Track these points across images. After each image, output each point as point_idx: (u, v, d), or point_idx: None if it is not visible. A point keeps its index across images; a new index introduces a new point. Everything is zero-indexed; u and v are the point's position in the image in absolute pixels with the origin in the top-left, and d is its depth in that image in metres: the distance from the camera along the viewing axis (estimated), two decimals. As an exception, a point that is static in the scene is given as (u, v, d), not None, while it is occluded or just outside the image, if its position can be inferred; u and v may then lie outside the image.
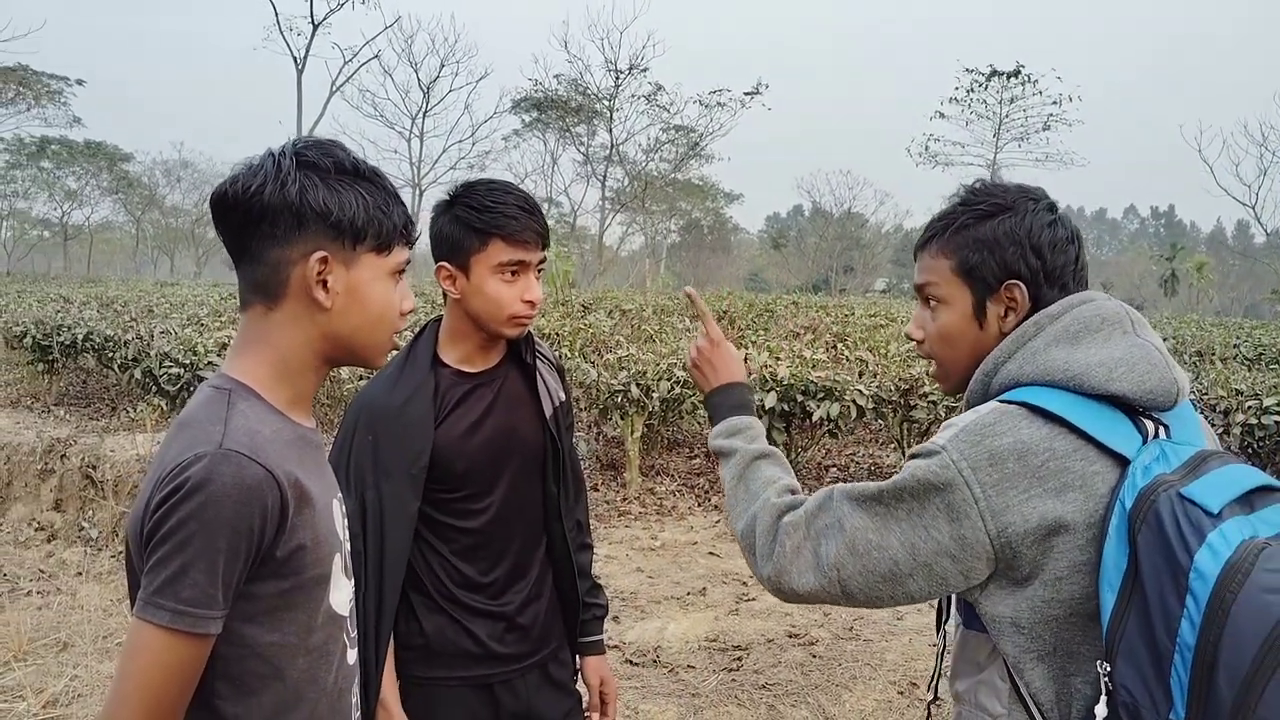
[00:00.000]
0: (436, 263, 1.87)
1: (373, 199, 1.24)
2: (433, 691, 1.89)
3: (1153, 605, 1.09)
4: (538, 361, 2.00)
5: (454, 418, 1.87)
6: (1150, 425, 1.24)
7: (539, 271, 1.88)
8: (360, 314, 1.25)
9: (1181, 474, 1.15)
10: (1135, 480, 1.16)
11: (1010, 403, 1.25)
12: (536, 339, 2.03)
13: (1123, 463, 1.19)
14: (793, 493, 1.42)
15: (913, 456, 1.27)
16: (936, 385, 7.42)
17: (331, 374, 1.78)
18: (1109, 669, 1.13)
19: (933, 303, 1.41)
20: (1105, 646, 1.13)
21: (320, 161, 1.21)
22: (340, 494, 1.36)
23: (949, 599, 1.44)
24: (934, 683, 1.44)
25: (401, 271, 1.30)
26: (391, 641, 1.86)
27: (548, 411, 1.98)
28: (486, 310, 1.83)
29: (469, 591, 1.89)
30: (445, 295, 1.89)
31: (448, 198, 1.87)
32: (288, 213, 1.19)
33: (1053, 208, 1.37)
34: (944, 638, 1.41)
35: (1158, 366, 1.25)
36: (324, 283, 1.21)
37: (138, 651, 1.08)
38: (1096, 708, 1.14)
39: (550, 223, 2.20)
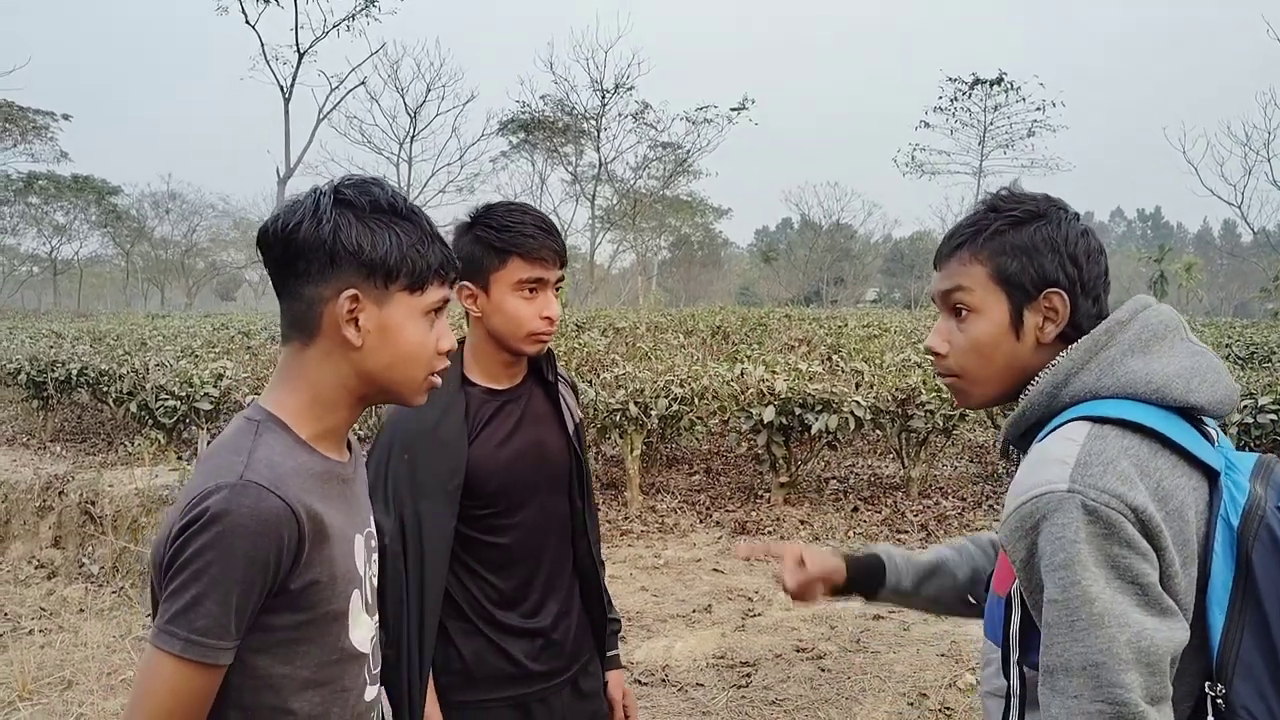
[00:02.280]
0: (458, 282, 1.90)
1: (408, 238, 1.24)
2: (471, 714, 1.90)
3: (1273, 622, 1.07)
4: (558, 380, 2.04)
5: (486, 434, 1.91)
6: (1211, 433, 1.22)
7: (556, 290, 1.93)
8: (391, 353, 1.25)
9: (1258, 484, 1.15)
10: (1234, 495, 1.13)
11: (1099, 421, 1.17)
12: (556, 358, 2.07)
13: (1209, 475, 1.16)
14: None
15: (1035, 524, 1.13)
16: (934, 395, 7.48)
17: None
18: (1222, 690, 1.08)
19: (963, 312, 1.31)
20: (1216, 667, 1.09)
21: (357, 200, 1.22)
22: (369, 528, 1.36)
23: (1007, 636, 1.26)
24: None
25: (439, 310, 1.29)
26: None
27: (570, 428, 2.03)
28: (506, 327, 1.88)
29: (505, 610, 1.91)
30: (467, 315, 1.93)
31: (468, 219, 1.92)
32: (321, 251, 1.20)
33: (1079, 218, 1.33)
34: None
35: (1223, 376, 1.23)
36: (355, 321, 1.22)
37: (150, 678, 1.10)
38: None
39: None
